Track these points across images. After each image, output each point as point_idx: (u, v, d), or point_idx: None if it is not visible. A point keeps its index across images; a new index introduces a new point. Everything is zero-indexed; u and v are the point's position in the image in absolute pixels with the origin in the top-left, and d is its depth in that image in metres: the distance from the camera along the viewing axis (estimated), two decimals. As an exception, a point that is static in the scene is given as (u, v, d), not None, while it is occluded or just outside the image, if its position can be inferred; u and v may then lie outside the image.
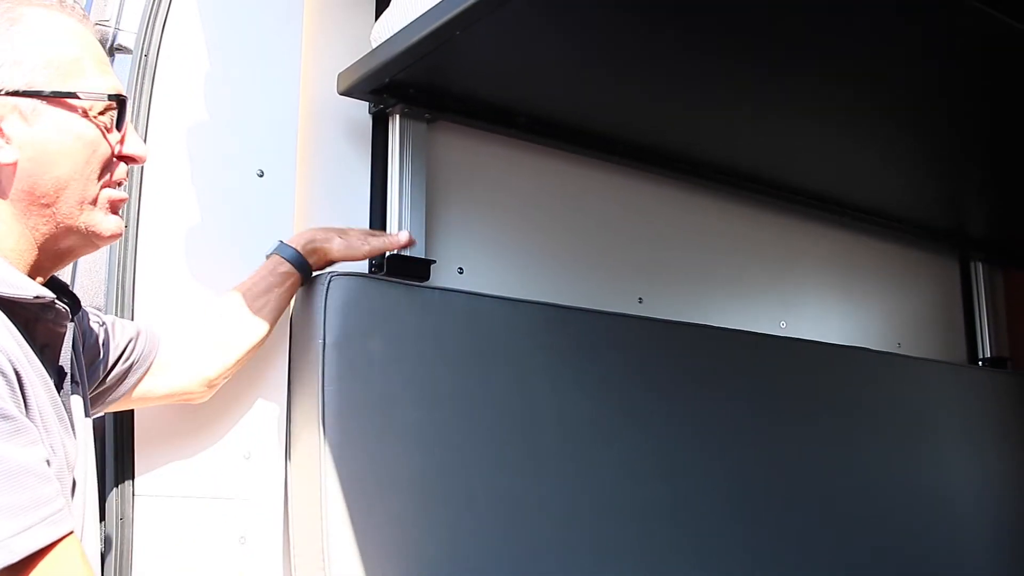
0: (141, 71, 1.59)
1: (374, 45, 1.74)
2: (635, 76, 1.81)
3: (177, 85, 1.62)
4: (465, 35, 1.56)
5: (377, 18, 1.80)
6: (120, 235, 1.17)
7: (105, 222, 1.14)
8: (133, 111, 1.55)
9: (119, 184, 1.17)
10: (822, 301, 2.59)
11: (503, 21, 1.55)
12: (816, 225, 2.56)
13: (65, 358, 1.11)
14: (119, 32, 1.62)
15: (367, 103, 1.85)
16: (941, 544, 2.41)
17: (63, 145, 1.09)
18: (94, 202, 1.13)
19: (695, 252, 2.32)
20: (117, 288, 1.51)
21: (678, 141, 2.15)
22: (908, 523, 2.35)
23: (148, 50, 1.60)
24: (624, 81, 1.84)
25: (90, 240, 1.14)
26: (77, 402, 1.16)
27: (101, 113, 1.13)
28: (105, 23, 1.61)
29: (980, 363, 2.91)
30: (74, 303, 1.19)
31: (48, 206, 1.09)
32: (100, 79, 1.13)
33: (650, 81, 1.84)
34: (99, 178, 1.13)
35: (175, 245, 1.58)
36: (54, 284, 1.18)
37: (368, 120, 1.87)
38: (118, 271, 1.52)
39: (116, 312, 1.50)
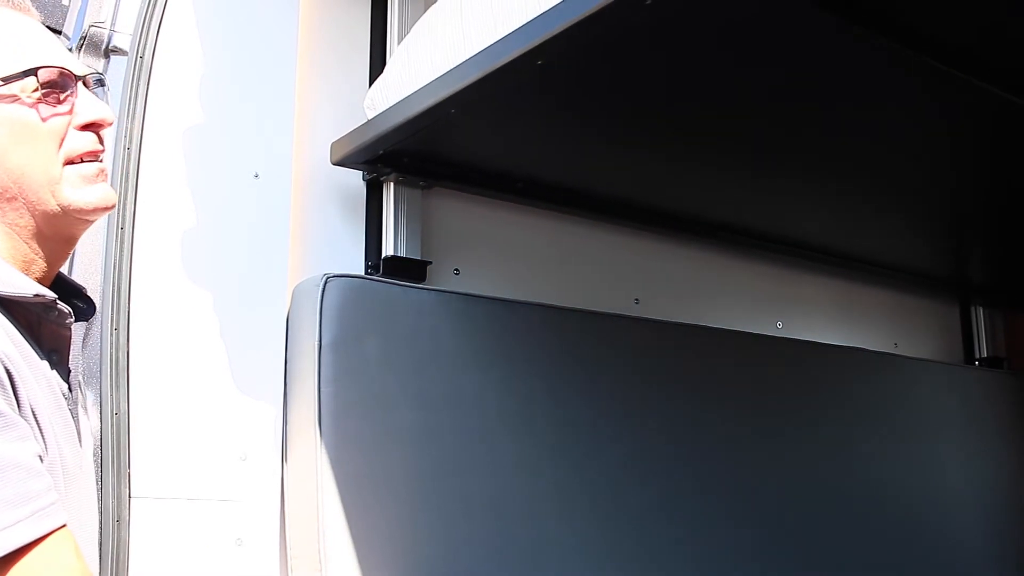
0: (136, 72, 1.58)
1: (368, 112, 1.72)
2: (640, 143, 1.82)
3: (172, 85, 1.62)
4: (460, 110, 1.55)
5: (371, 78, 1.80)
6: (108, 206, 1.10)
7: (82, 196, 1.07)
8: (129, 111, 1.55)
9: (89, 155, 1.09)
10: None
11: (499, 97, 1.55)
12: (818, 276, 2.56)
13: (75, 362, 1.09)
14: (114, 34, 1.62)
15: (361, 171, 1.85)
16: (937, 541, 2.41)
17: (2, 137, 1.04)
18: (61, 181, 1.06)
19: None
20: (113, 290, 1.51)
21: (682, 202, 2.15)
22: (905, 521, 2.36)
23: (143, 51, 1.59)
24: (633, 148, 1.85)
25: (74, 218, 1.08)
26: (84, 411, 1.14)
27: (37, 89, 1.06)
28: (100, 24, 1.60)
29: (976, 363, 2.92)
30: (90, 307, 1.16)
31: (14, 199, 1.05)
32: (20, 58, 1.06)
33: (642, 147, 1.85)
34: (58, 155, 1.07)
35: (171, 247, 1.58)
36: (66, 286, 1.14)
37: (362, 185, 1.87)
38: (114, 273, 1.51)
39: (113, 312, 1.49)
